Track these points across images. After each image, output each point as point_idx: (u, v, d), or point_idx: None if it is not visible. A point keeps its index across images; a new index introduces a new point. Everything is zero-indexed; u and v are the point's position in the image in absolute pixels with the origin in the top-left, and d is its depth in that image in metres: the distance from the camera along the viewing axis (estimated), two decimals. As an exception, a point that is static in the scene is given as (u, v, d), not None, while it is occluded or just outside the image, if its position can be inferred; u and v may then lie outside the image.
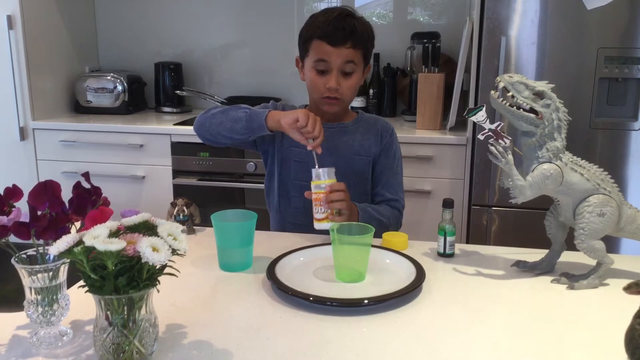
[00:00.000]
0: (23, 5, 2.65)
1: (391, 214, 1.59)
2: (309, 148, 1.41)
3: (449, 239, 1.34)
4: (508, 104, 1.16)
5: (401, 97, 2.95)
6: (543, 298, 1.15)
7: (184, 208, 1.47)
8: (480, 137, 1.17)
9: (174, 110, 3.09)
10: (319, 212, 1.38)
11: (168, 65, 3.10)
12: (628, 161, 2.27)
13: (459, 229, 2.40)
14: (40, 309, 0.94)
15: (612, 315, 1.06)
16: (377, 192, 1.64)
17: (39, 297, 0.94)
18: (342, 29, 1.50)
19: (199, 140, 2.37)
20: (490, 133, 1.16)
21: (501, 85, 1.16)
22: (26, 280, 0.94)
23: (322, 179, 1.38)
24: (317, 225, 1.39)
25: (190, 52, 3.21)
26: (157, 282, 0.87)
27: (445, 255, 1.35)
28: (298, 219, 1.60)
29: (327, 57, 1.51)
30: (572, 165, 1.17)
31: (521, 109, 1.15)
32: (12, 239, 0.93)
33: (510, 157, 1.15)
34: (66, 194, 0.95)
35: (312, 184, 1.39)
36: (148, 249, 0.81)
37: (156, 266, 0.83)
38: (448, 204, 1.34)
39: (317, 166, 1.39)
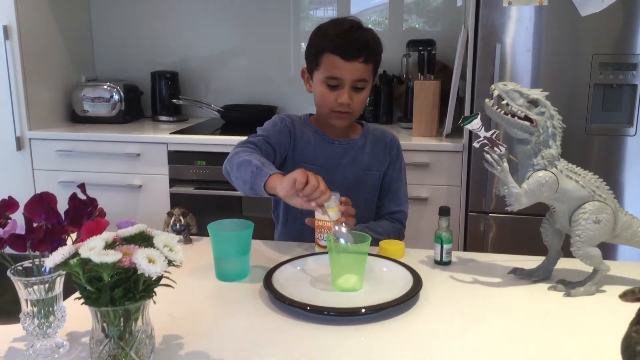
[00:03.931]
0: (19, 15, 2.65)
1: (391, 229, 1.58)
2: (333, 220, 1.28)
3: (445, 246, 1.34)
4: (503, 112, 1.16)
5: (397, 104, 2.96)
6: (540, 305, 1.15)
7: (181, 218, 1.47)
8: (476, 145, 1.17)
9: (171, 119, 3.09)
10: (323, 239, 1.39)
11: (164, 74, 3.10)
12: (624, 167, 2.27)
13: (455, 236, 2.40)
14: (36, 321, 0.94)
15: (609, 323, 1.06)
16: (383, 203, 1.63)
17: (35, 309, 0.94)
18: (355, 42, 1.46)
19: (195, 149, 2.38)
20: (485, 141, 1.17)
21: (496, 93, 1.16)
22: (22, 292, 0.94)
23: (327, 207, 1.37)
24: (319, 250, 1.40)
25: (186, 60, 3.22)
26: (154, 294, 0.87)
27: (442, 263, 1.35)
28: (305, 236, 1.51)
29: (340, 73, 1.47)
30: (568, 173, 1.17)
31: (516, 117, 1.15)
32: (8, 250, 0.93)
33: (505, 164, 1.16)
34: (63, 204, 0.95)
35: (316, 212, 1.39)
36: (144, 261, 0.80)
37: (152, 277, 0.83)
38: (444, 211, 1.34)
39: (342, 240, 1.22)
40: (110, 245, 0.84)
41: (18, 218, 0.94)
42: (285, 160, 1.57)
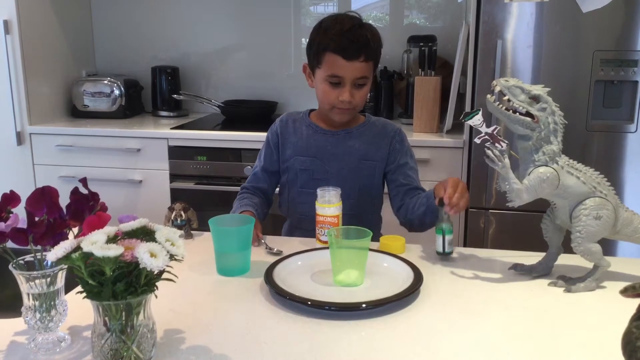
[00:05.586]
0: (20, 10, 2.65)
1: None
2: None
3: (447, 237, 1.33)
4: (504, 107, 1.16)
5: (398, 101, 2.96)
6: (540, 301, 1.16)
7: (182, 213, 1.47)
8: (477, 140, 1.17)
9: (171, 114, 3.08)
10: (324, 234, 1.39)
11: (165, 69, 3.10)
12: (624, 163, 2.27)
13: (456, 232, 2.39)
14: (38, 315, 0.94)
15: (609, 318, 1.07)
16: (414, 187, 1.63)
17: (37, 303, 0.94)
18: (356, 42, 1.47)
19: (196, 144, 2.34)
20: (486, 137, 1.17)
21: (497, 89, 1.17)
22: (24, 286, 0.94)
23: (327, 203, 1.39)
24: (320, 245, 1.41)
25: (187, 56, 3.21)
26: (155, 288, 0.87)
27: (445, 253, 1.34)
28: (307, 225, 1.55)
29: (341, 72, 1.49)
30: (569, 169, 1.17)
31: (517, 113, 1.15)
32: (10, 244, 0.93)
33: (506, 160, 1.16)
34: (63, 199, 0.95)
35: (317, 205, 1.40)
36: (146, 255, 0.81)
37: (154, 272, 0.83)
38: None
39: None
40: (112, 240, 0.85)
41: (20, 212, 0.95)
42: (278, 158, 1.66)
